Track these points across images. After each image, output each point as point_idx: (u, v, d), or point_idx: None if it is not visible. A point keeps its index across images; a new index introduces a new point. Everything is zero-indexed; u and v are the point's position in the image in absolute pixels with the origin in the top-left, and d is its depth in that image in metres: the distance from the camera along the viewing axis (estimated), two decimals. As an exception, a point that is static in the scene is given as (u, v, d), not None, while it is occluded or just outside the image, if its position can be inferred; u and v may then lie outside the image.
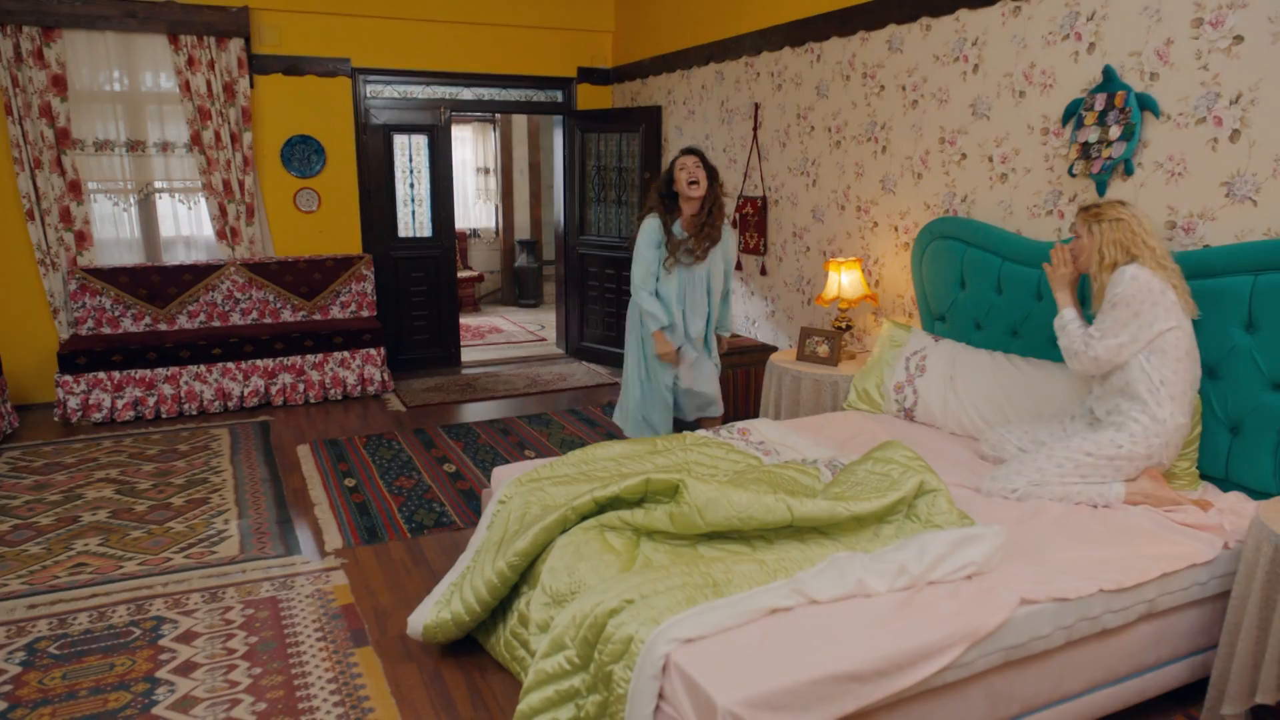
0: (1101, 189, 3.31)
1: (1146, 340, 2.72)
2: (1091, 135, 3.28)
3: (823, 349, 4.31)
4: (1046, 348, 3.42)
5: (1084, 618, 2.25)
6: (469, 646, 2.87)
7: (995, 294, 3.68)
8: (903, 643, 1.99)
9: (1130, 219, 2.80)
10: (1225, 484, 2.89)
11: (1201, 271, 2.90)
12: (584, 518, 2.61)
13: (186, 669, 2.76)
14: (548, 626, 2.42)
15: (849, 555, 2.29)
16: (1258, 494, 2.78)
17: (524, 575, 2.65)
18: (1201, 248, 2.98)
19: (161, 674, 2.73)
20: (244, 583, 3.34)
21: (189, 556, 3.57)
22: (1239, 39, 2.84)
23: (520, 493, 2.92)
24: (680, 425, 4.42)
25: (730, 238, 4.21)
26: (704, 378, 4.21)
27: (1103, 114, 3.24)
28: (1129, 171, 3.21)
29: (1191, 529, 2.60)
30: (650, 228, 4.06)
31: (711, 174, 4.04)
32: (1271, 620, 2.24)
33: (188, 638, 2.94)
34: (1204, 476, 2.95)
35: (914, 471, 2.62)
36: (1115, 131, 3.20)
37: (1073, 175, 3.40)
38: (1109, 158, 3.23)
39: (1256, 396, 2.77)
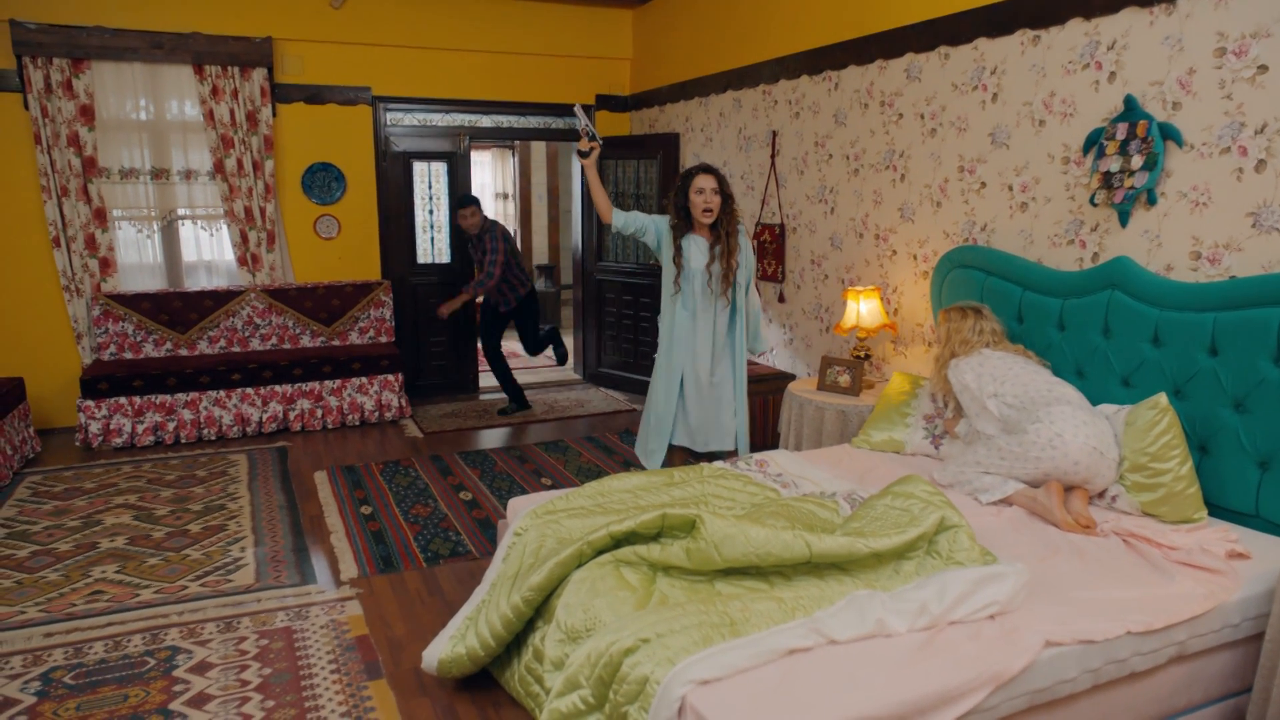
0: (1124, 219, 3.27)
1: (977, 396, 3.26)
2: (1113, 165, 3.25)
3: (844, 379, 4.27)
4: (1070, 376, 3.38)
5: (1111, 660, 2.19)
6: (483, 680, 2.84)
7: (1016, 323, 3.64)
8: (924, 687, 1.94)
9: (946, 338, 3.49)
10: (1255, 520, 2.82)
11: (1228, 303, 2.85)
12: (600, 552, 2.58)
13: (200, 701, 2.74)
14: (562, 663, 2.39)
15: (869, 594, 2.25)
16: (1290, 531, 2.72)
17: (539, 609, 2.62)
18: (1228, 279, 2.93)
19: (175, 705, 2.72)
20: (259, 612, 3.33)
21: (205, 584, 3.56)
22: (1263, 68, 2.81)
23: (536, 525, 2.90)
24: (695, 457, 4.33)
25: (746, 248, 3.93)
26: (711, 403, 3.98)
27: (1125, 143, 3.21)
28: (1152, 201, 3.17)
29: (1190, 569, 2.52)
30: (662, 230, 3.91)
31: (726, 199, 3.79)
32: (1306, 664, 2.18)
33: (202, 668, 2.93)
34: (1233, 512, 2.88)
35: (935, 507, 2.58)
36: (1137, 161, 3.17)
37: (1094, 205, 3.36)
38: (1131, 187, 3.20)
39: (1287, 431, 2.71)
